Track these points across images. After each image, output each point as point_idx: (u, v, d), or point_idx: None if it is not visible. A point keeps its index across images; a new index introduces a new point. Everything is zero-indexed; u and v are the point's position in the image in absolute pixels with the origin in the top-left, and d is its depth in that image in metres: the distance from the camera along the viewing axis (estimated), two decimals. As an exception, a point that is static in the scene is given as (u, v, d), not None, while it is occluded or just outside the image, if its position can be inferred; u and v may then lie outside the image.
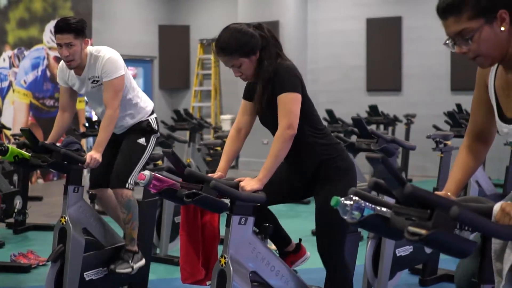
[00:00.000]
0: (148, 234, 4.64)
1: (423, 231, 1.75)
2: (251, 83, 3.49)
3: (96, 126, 8.16)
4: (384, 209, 1.99)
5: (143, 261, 4.39)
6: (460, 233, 1.82)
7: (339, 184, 3.31)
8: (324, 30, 12.47)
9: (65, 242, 3.99)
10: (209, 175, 3.20)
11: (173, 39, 14.15)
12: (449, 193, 2.36)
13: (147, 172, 3.00)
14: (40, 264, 5.59)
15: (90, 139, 10.51)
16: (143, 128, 4.41)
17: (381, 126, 9.75)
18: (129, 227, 4.31)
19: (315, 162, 3.37)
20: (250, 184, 3.10)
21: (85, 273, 4.09)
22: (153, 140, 4.45)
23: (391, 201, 2.05)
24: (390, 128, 9.89)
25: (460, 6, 2.13)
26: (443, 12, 2.18)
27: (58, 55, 4.24)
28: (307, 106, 3.36)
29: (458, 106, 9.33)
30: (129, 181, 4.25)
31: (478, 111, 2.46)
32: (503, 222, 1.94)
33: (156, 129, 4.47)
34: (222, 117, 13.41)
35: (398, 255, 4.68)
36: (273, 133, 3.35)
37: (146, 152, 4.39)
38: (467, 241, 1.80)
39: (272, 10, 12.16)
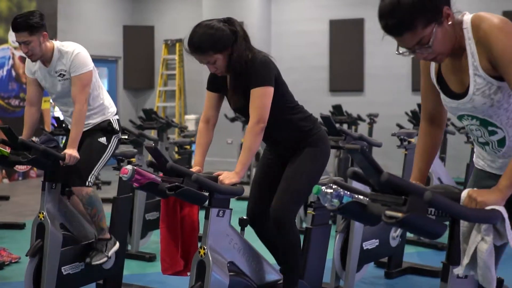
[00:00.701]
0: (122, 230, 4.73)
1: (399, 214, 1.92)
2: (214, 75, 3.63)
3: (63, 125, 8.22)
4: (361, 196, 2.15)
5: (117, 245, 4.44)
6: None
7: (318, 149, 3.61)
8: (288, 31, 12.66)
9: (43, 237, 4.06)
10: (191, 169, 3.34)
11: (138, 39, 14.19)
12: (417, 181, 2.55)
13: (129, 167, 3.12)
14: (13, 261, 5.64)
15: (59, 138, 10.51)
16: (104, 128, 4.48)
17: (345, 126, 9.94)
18: (96, 220, 4.37)
19: (296, 134, 3.60)
20: (228, 177, 3.25)
21: (62, 268, 4.16)
22: (114, 140, 4.52)
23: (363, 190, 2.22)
24: (353, 127, 10.09)
25: (412, 21, 2.25)
26: (397, 31, 2.30)
27: (23, 55, 4.31)
28: (283, 89, 3.57)
29: (420, 106, 9.56)
30: (89, 179, 4.31)
31: (428, 97, 2.66)
32: (470, 206, 2.14)
33: (117, 129, 4.55)
34: (187, 117, 13.50)
35: (365, 248, 4.86)
36: (247, 121, 3.52)
37: (107, 151, 4.46)
38: (439, 223, 1.98)
39: (237, 11, 12.28)
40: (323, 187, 2.13)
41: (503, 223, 2.09)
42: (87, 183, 4.30)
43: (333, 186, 2.13)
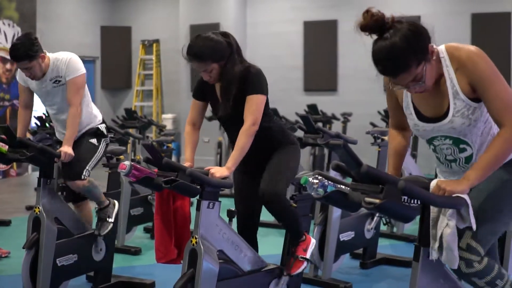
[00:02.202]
0: (113, 224, 4.98)
1: (377, 201, 2.23)
2: (202, 85, 3.91)
3: (47, 125, 8.42)
4: (343, 186, 2.44)
5: (116, 205, 4.85)
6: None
7: (292, 148, 3.92)
8: (263, 32, 12.91)
9: (39, 231, 4.29)
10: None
11: (115, 39, 14.38)
12: None
13: (127, 163, 3.37)
14: (3, 256, 5.85)
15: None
16: (95, 131, 4.77)
17: (320, 124, 10.23)
18: (95, 199, 4.74)
19: (270, 145, 3.89)
20: (219, 171, 3.52)
21: (57, 259, 4.40)
22: (103, 143, 4.80)
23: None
24: (327, 126, 10.38)
25: (406, 64, 2.55)
26: (393, 74, 2.59)
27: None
28: (266, 102, 3.84)
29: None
30: (84, 173, 4.58)
31: (395, 112, 3.01)
32: (437, 194, 2.45)
33: (106, 134, 4.83)
34: (164, 116, 13.73)
35: (341, 240, 5.14)
36: (231, 128, 3.83)
37: (98, 151, 4.72)
38: (411, 208, 2.28)
39: (213, 13, 12.55)
40: (310, 178, 2.42)
41: (467, 209, 2.40)
42: (82, 177, 4.57)
43: (319, 177, 2.42)
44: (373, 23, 2.60)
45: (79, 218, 4.71)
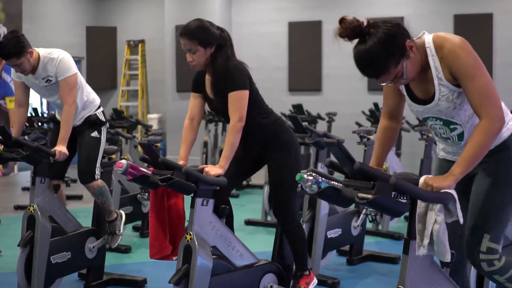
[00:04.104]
0: (103, 221, 5.06)
1: (369, 196, 2.34)
2: (198, 79, 4.03)
3: (35, 125, 8.48)
4: (336, 183, 2.56)
5: (123, 217, 5.04)
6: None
7: (288, 153, 4.02)
8: (248, 32, 13.00)
9: (34, 229, 4.37)
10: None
11: (100, 40, 14.40)
12: (375, 166, 3.06)
13: (124, 161, 3.46)
14: (-5, 254, 5.94)
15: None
16: (93, 122, 4.87)
17: (305, 124, 10.33)
18: (105, 206, 4.87)
19: (263, 138, 4.00)
20: (213, 169, 3.63)
21: (51, 257, 4.48)
22: (103, 131, 4.93)
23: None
24: (312, 126, 10.49)
25: (385, 66, 2.71)
26: (374, 76, 2.75)
27: None
28: (253, 94, 3.97)
29: (375, 105, 10.00)
30: (96, 172, 4.76)
31: (389, 97, 3.12)
32: (425, 189, 2.57)
33: (104, 121, 4.95)
34: (150, 116, 13.79)
35: (329, 237, 5.26)
36: (225, 119, 3.93)
37: (101, 144, 4.86)
38: (401, 203, 2.40)
39: (198, 13, 12.53)
40: (305, 175, 2.53)
41: (454, 204, 2.53)
42: (96, 177, 4.74)
43: (313, 174, 2.53)
44: (350, 31, 2.74)
45: (72, 216, 4.79)
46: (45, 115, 10.28)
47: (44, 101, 12.47)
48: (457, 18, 11.50)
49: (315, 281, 4.16)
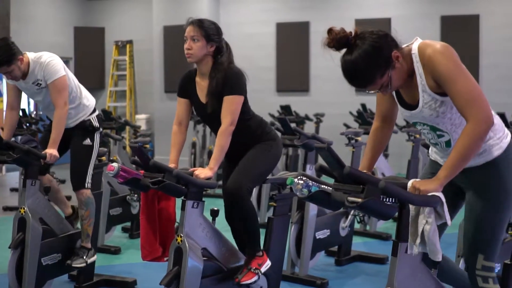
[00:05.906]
0: (96, 222, 5.08)
1: (359, 200, 2.38)
2: (185, 84, 4.06)
3: (24, 126, 8.47)
4: (326, 186, 2.60)
5: (95, 257, 4.87)
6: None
7: (262, 147, 4.05)
8: (236, 33, 13.00)
9: (25, 231, 4.38)
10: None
11: (88, 40, 14.38)
12: (365, 170, 3.12)
13: (115, 164, 3.49)
14: (-16, 256, 5.93)
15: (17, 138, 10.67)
16: (86, 129, 4.86)
17: (293, 125, 10.37)
18: (86, 223, 4.79)
19: (249, 139, 4.04)
20: (203, 172, 3.67)
21: (42, 259, 4.50)
22: (97, 137, 4.91)
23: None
24: (300, 127, 10.54)
25: (371, 78, 2.77)
26: (360, 87, 2.82)
27: None
28: (245, 100, 4.02)
29: (363, 106, 10.07)
30: (87, 180, 4.76)
31: (382, 101, 3.18)
32: (413, 193, 2.62)
33: (98, 126, 4.94)
34: (138, 116, 13.79)
35: (317, 237, 5.31)
36: (214, 124, 3.96)
37: (94, 151, 4.86)
38: (390, 207, 2.45)
39: (186, 14, 12.43)
40: (295, 179, 2.57)
41: (442, 206, 2.58)
42: (86, 185, 4.74)
43: (303, 178, 2.57)
44: (337, 42, 2.79)
45: (62, 218, 4.81)
46: (33, 115, 10.27)
47: (31, 101, 12.44)
48: (444, 19, 11.59)
49: (268, 262, 4.01)
